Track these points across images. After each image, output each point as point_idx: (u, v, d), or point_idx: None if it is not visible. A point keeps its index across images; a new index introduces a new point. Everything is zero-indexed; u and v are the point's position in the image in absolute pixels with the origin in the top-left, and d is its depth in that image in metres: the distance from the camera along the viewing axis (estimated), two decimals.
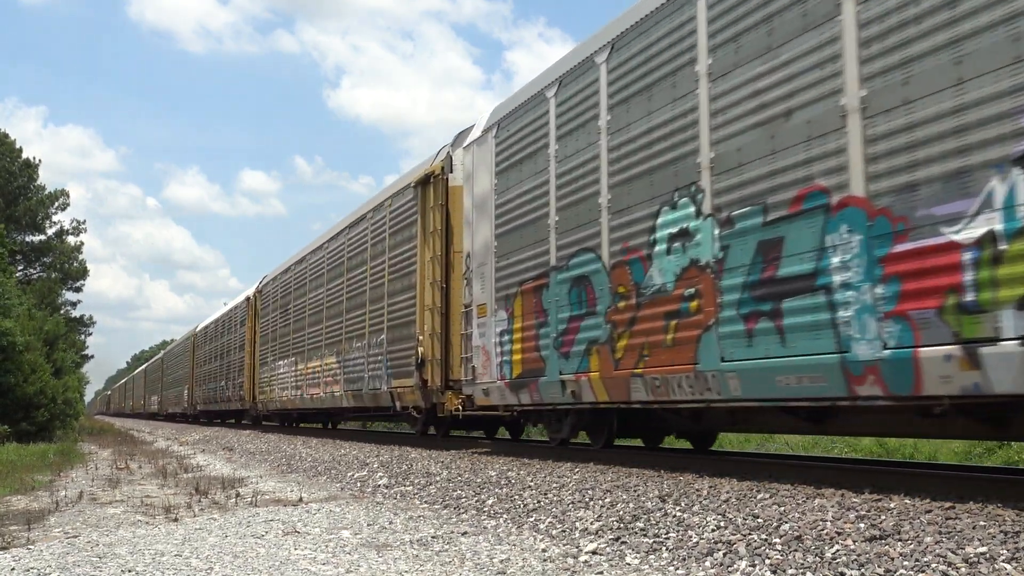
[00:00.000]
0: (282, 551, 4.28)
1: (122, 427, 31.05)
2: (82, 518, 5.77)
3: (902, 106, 4.59)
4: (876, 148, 4.72)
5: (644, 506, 4.86)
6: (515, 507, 5.40)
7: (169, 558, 4.15)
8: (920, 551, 3.32)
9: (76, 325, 46.23)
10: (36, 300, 31.14)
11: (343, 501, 6.37)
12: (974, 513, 3.93)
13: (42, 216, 44.34)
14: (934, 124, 4.43)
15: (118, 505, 6.48)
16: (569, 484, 6.02)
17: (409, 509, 5.80)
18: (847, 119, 4.90)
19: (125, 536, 4.88)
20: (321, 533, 4.82)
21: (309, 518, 5.43)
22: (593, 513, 4.85)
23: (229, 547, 4.42)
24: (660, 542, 4.04)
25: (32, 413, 17.14)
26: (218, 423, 29.46)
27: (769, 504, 4.53)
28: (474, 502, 5.79)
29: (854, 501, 4.44)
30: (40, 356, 18.60)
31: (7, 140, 42.48)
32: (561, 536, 4.47)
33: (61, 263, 45.49)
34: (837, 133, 4.97)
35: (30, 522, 5.42)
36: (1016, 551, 3.22)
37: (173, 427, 29.13)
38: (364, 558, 4.07)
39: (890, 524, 3.76)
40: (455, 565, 3.85)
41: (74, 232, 46.76)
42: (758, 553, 3.61)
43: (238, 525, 5.18)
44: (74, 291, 47.27)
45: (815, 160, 5.11)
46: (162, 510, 5.96)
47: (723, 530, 4.04)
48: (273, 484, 7.87)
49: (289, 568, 3.87)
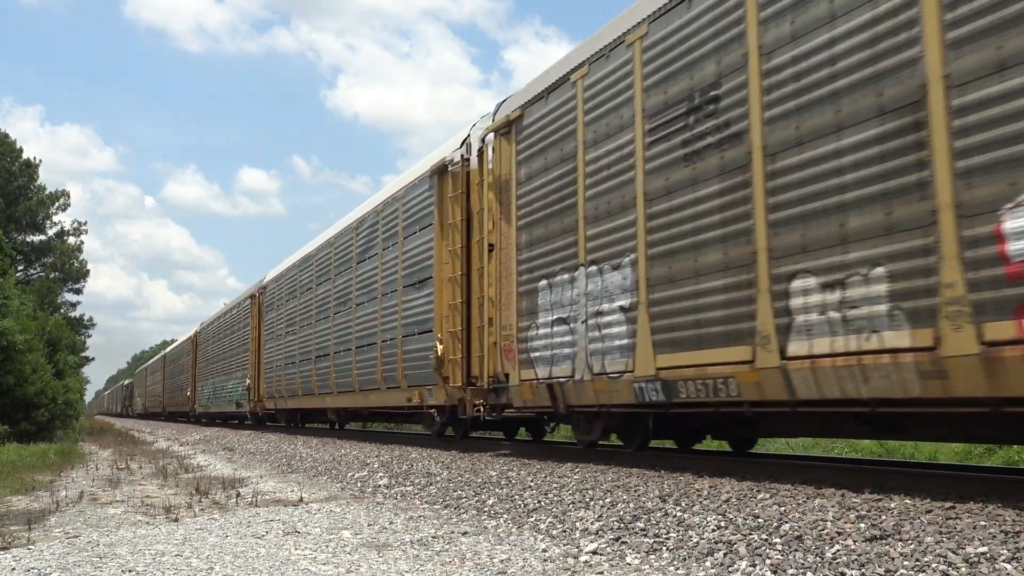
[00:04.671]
0: (282, 551, 4.29)
1: (122, 427, 31.04)
2: (82, 518, 5.77)
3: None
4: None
5: (644, 506, 4.86)
6: (515, 507, 5.40)
7: (169, 558, 4.16)
8: (920, 551, 3.32)
9: (76, 325, 46.25)
10: (36, 300, 31.14)
11: (343, 501, 6.37)
12: (974, 513, 3.94)
13: (42, 216, 44.39)
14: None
15: (118, 505, 6.48)
16: (569, 484, 6.02)
17: (409, 509, 5.80)
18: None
19: (125, 536, 4.88)
20: (321, 533, 4.82)
21: (309, 518, 5.43)
22: (593, 513, 4.85)
23: (229, 547, 4.42)
24: (660, 542, 4.04)
25: (32, 413, 17.15)
26: (220, 423, 29.41)
27: (769, 504, 4.53)
28: (474, 502, 5.79)
29: (854, 501, 4.44)
30: (41, 357, 18.61)
31: (7, 140, 42.53)
32: (561, 536, 4.48)
33: (61, 263, 45.53)
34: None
35: (30, 522, 5.42)
36: (1016, 551, 3.22)
37: (173, 427, 29.13)
38: (364, 558, 4.07)
39: (890, 524, 3.76)
40: (455, 565, 3.85)
41: (74, 233, 46.83)
42: (758, 553, 3.61)
43: (238, 525, 5.18)
44: (74, 292, 47.33)
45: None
46: (162, 510, 5.96)
47: (723, 530, 4.04)
48: (273, 484, 7.87)
49: (289, 568, 3.87)
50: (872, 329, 4.77)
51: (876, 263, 4.76)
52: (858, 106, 4.91)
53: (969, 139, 4.30)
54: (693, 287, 6.18)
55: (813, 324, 5.14)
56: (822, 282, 5.09)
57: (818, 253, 5.12)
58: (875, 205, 4.77)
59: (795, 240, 5.29)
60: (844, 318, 4.94)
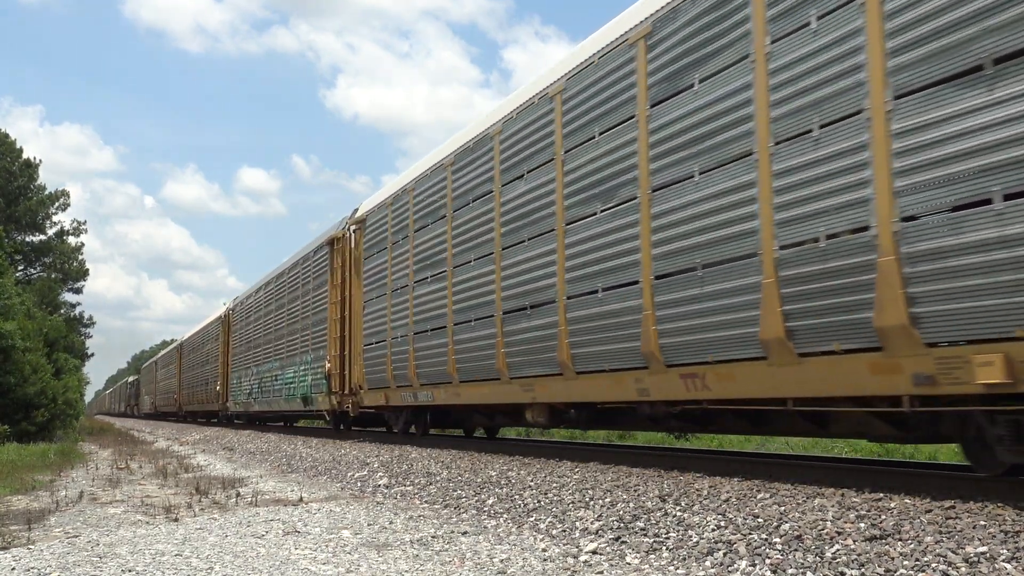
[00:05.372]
0: (282, 551, 4.29)
1: (122, 427, 31.05)
2: (82, 518, 5.77)
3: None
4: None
5: (644, 506, 4.86)
6: (515, 507, 5.40)
7: (169, 558, 4.16)
8: (920, 551, 3.32)
9: (76, 324, 46.25)
10: (36, 300, 31.14)
11: (343, 501, 6.37)
12: (974, 513, 3.94)
13: (42, 216, 44.38)
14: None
15: (118, 505, 6.48)
16: (569, 484, 6.02)
17: (409, 509, 5.80)
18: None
19: (125, 536, 4.88)
20: (321, 533, 4.82)
21: (309, 518, 5.43)
22: (593, 513, 4.85)
23: (229, 547, 4.42)
24: (660, 542, 4.05)
25: (32, 413, 17.14)
26: (214, 422, 29.38)
27: (769, 504, 4.53)
28: (474, 502, 5.79)
29: (854, 501, 4.44)
30: (41, 356, 18.60)
31: (7, 140, 42.53)
32: (561, 536, 4.48)
33: (61, 263, 45.52)
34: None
35: (30, 522, 5.42)
36: (1016, 551, 3.22)
37: (173, 427, 29.14)
38: (364, 558, 4.07)
39: (890, 524, 3.76)
40: (455, 565, 3.85)
41: (74, 233, 46.83)
42: (758, 553, 3.61)
43: (238, 525, 5.18)
44: (74, 292, 47.33)
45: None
46: (162, 510, 5.96)
47: (723, 530, 4.04)
48: (273, 484, 7.87)
49: (289, 568, 3.87)
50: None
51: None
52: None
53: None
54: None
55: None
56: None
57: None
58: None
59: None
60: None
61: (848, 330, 4.85)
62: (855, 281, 4.78)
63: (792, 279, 5.21)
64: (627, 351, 6.73)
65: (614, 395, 7.10)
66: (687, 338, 6.11)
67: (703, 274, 5.95)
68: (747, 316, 5.54)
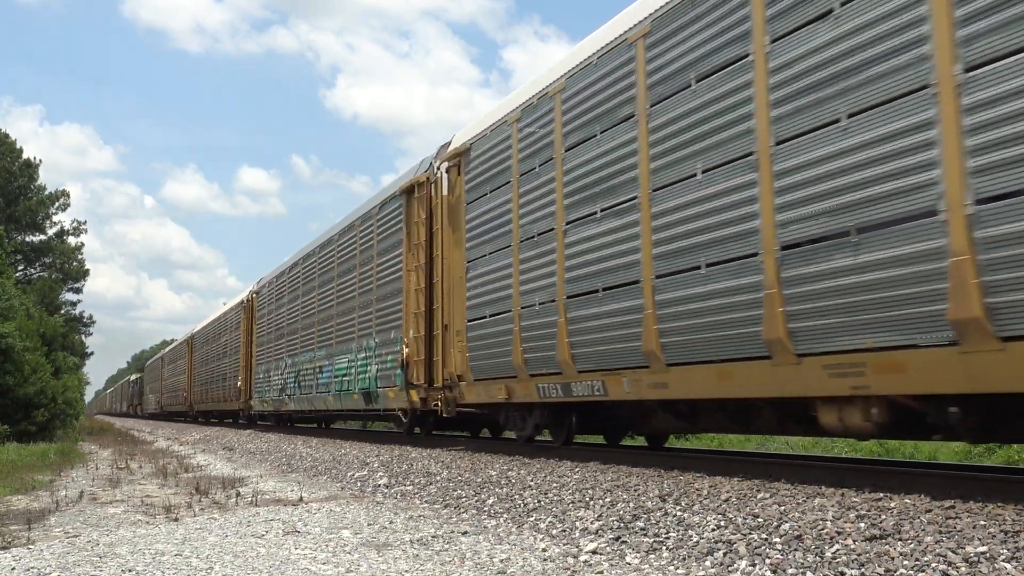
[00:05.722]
0: (282, 551, 4.29)
1: (122, 427, 31.05)
2: (82, 518, 5.77)
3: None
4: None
5: (644, 505, 4.86)
6: (515, 507, 5.40)
7: (169, 558, 4.16)
8: (920, 551, 3.32)
9: (76, 324, 46.25)
10: (36, 299, 31.12)
11: (343, 501, 6.37)
12: (974, 513, 3.94)
13: (42, 216, 44.37)
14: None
15: (118, 505, 6.48)
16: (569, 484, 6.02)
17: (409, 509, 5.80)
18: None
19: (125, 536, 4.88)
20: (321, 533, 4.82)
21: (309, 518, 5.43)
22: (593, 512, 4.85)
23: (229, 547, 4.42)
24: (660, 541, 4.04)
25: (32, 413, 17.14)
26: (215, 422, 29.34)
27: (769, 504, 4.53)
28: (474, 502, 5.79)
29: (854, 500, 4.44)
30: (40, 356, 18.60)
31: (7, 140, 42.52)
32: (561, 536, 4.48)
33: (61, 263, 45.51)
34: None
35: (30, 522, 5.42)
36: (1016, 550, 3.22)
37: (173, 427, 29.13)
38: (364, 558, 4.07)
39: (890, 524, 3.76)
40: (455, 565, 3.85)
41: (74, 233, 46.82)
42: (758, 552, 3.61)
43: (238, 525, 5.18)
44: (74, 292, 47.33)
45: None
46: (162, 510, 5.96)
47: (723, 529, 4.04)
48: (273, 484, 7.87)
49: (289, 568, 3.87)
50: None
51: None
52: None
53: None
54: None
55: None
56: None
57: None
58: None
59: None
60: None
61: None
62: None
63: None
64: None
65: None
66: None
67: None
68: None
